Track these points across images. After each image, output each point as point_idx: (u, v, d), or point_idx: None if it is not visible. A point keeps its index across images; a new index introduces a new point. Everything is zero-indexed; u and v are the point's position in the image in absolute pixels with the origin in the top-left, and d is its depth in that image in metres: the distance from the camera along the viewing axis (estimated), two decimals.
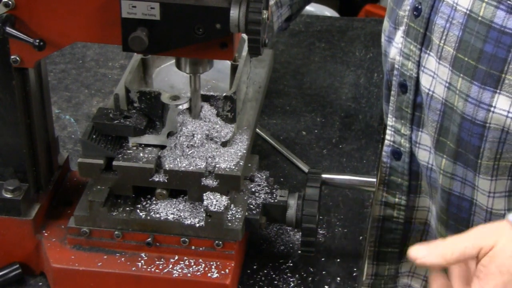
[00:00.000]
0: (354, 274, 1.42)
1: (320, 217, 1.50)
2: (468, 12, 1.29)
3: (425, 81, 1.40)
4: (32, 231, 1.36)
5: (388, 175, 1.53)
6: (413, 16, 1.40)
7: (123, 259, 1.34)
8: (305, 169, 1.64)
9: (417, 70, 1.42)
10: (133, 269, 1.32)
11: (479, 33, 1.28)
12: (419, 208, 1.56)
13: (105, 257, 1.34)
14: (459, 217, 1.43)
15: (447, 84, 1.35)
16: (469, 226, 1.41)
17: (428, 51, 1.39)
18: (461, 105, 1.33)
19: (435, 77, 1.37)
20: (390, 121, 1.51)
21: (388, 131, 1.52)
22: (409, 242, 1.59)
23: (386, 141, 1.52)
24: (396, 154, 1.51)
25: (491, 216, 1.39)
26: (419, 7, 1.38)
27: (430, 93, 1.39)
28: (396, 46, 1.48)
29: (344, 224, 1.53)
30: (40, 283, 1.38)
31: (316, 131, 1.77)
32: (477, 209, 1.40)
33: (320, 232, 1.50)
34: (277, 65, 1.97)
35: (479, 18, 1.27)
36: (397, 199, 1.54)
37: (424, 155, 1.46)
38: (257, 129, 1.70)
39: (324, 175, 1.42)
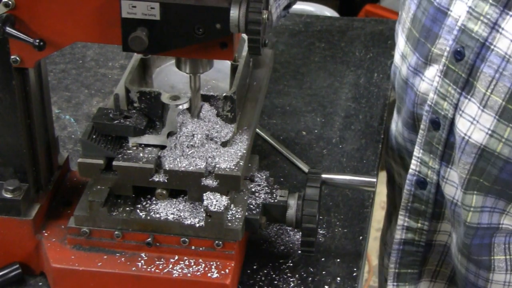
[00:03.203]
0: (354, 274, 1.42)
1: (320, 217, 1.50)
2: None
3: (462, 125, 1.34)
4: (32, 231, 1.35)
5: (411, 202, 1.50)
6: (454, 59, 1.33)
7: (123, 259, 1.33)
8: (305, 169, 1.64)
9: (454, 112, 1.36)
10: (133, 269, 1.32)
11: None
12: (440, 232, 1.53)
13: (105, 257, 1.34)
14: (482, 245, 1.41)
15: (489, 132, 1.29)
16: (491, 252, 1.41)
17: (469, 96, 1.32)
18: (507, 152, 1.28)
19: (475, 123, 1.31)
20: (417, 152, 1.45)
21: (413, 161, 1.47)
22: (428, 262, 1.57)
23: (410, 170, 1.47)
24: (421, 183, 1.47)
25: None
26: (462, 51, 1.31)
27: (466, 138, 1.33)
28: (428, 83, 1.41)
29: (344, 224, 1.53)
30: (40, 283, 1.38)
31: (316, 131, 1.77)
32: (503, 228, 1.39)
33: (320, 232, 1.50)
34: (277, 65, 1.97)
35: None
36: (419, 225, 1.51)
37: (451, 190, 1.42)
38: (257, 129, 1.70)
39: (324, 175, 1.42)
